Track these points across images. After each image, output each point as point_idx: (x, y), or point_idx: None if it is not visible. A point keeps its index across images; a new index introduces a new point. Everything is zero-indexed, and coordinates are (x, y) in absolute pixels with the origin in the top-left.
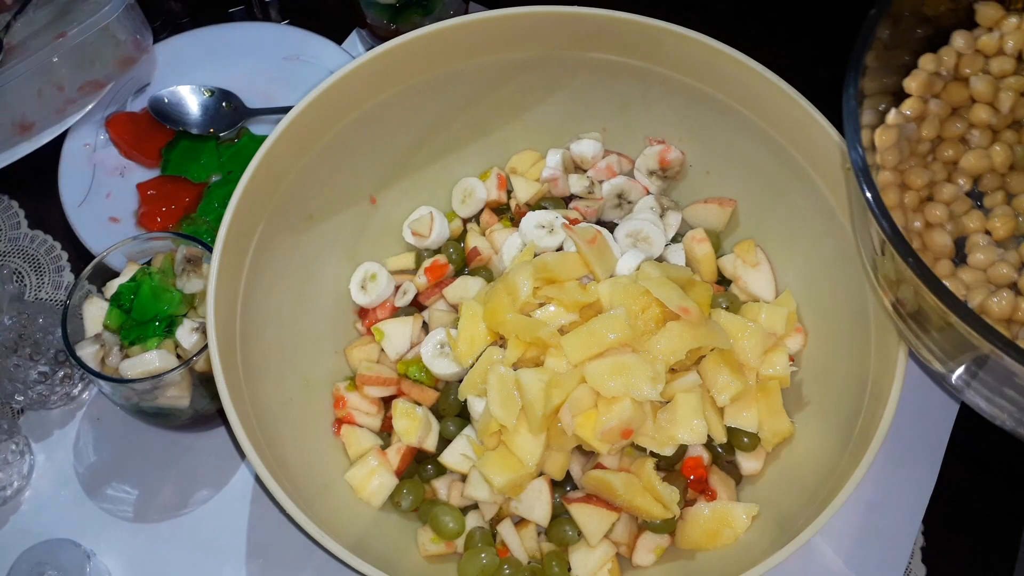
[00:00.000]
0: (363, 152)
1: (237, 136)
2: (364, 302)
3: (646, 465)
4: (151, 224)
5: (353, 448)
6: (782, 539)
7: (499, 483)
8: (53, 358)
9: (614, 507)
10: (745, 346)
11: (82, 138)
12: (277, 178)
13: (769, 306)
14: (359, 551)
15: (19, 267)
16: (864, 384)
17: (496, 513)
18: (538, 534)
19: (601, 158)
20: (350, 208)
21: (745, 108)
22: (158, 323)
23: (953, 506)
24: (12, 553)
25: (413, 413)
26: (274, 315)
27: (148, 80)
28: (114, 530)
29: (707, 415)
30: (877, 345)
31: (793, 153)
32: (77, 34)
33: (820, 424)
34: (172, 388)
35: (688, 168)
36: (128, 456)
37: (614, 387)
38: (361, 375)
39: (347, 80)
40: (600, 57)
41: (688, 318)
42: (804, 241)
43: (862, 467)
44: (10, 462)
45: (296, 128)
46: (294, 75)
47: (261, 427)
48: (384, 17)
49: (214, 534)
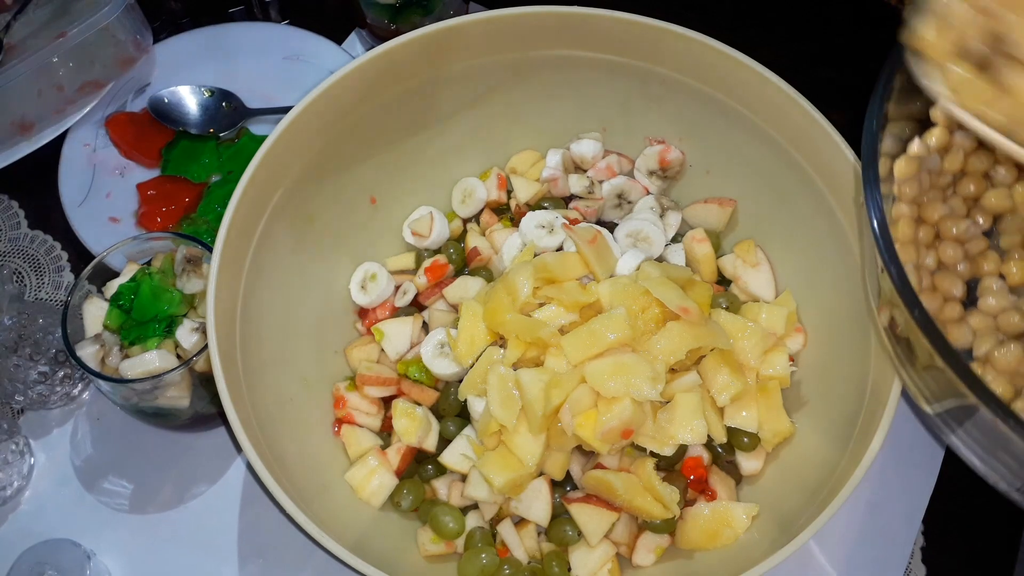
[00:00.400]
0: (363, 152)
1: (237, 136)
2: (364, 302)
3: (646, 465)
4: (151, 224)
5: (353, 448)
6: (782, 539)
7: (499, 483)
8: (53, 358)
9: (614, 507)
10: (745, 346)
11: (82, 138)
12: (277, 178)
13: (769, 306)
14: (359, 551)
15: (19, 267)
16: (864, 384)
17: (496, 513)
18: (538, 534)
19: (601, 158)
20: (350, 208)
21: (745, 108)
22: (158, 323)
23: (953, 506)
24: (12, 553)
25: (413, 413)
26: (274, 315)
27: (148, 80)
28: (114, 530)
29: (707, 415)
30: (877, 345)
31: (793, 153)
32: (77, 34)
33: (820, 424)
34: (172, 388)
35: (688, 168)
36: (128, 456)
37: (614, 387)
38: (361, 375)
39: (347, 80)
40: (600, 57)
41: (688, 318)
42: (804, 241)
43: (862, 467)
44: (10, 462)
45: (296, 128)
46: (294, 75)
47: (261, 427)
48: (384, 17)
49: (214, 534)
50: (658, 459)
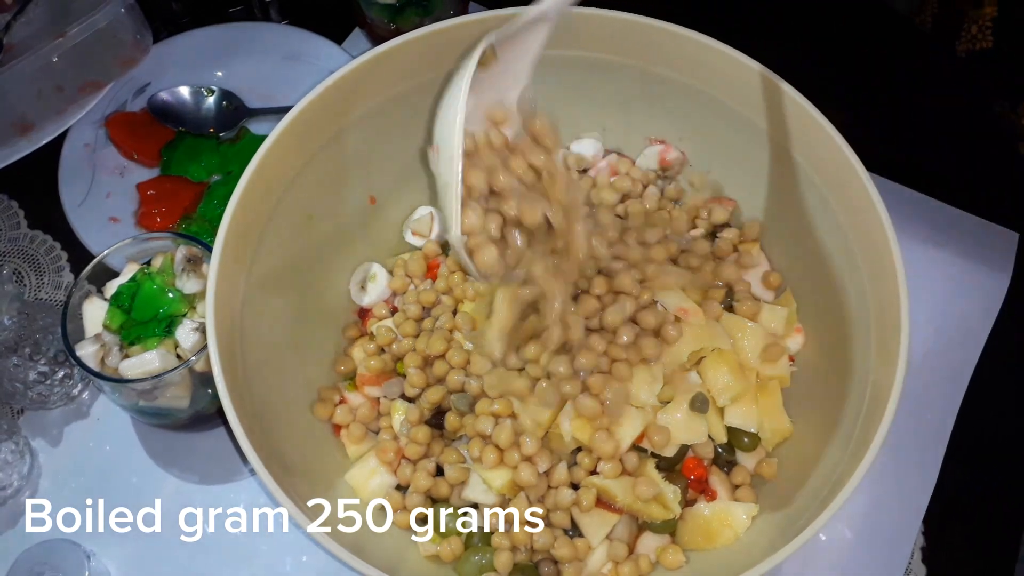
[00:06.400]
0: (363, 152)
1: (237, 136)
2: (364, 302)
3: (647, 466)
4: (151, 224)
5: (353, 448)
6: (782, 539)
7: (498, 484)
8: (53, 358)
9: (615, 508)
10: (745, 346)
11: (82, 138)
12: (277, 178)
13: (769, 306)
14: (359, 551)
15: (19, 267)
16: (864, 384)
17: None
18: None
19: (601, 158)
20: (350, 208)
21: (745, 108)
22: (158, 323)
23: (953, 506)
24: (12, 553)
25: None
26: (274, 315)
27: (148, 80)
28: (113, 530)
29: (707, 415)
30: (877, 345)
31: (793, 153)
32: (77, 34)
33: (820, 424)
34: (172, 388)
35: (688, 168)
36: (128, 456)
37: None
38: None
39: (347, 80)
40: (600, 57)
41: (688, 319)
42: (804, 241)
43: (862, 467)
44: (10, 462)
45: (296, 128)
46: (294, 75)
47: (261, 427)
48: (384, 17)
49: (213, 534)
50: (658, 459)
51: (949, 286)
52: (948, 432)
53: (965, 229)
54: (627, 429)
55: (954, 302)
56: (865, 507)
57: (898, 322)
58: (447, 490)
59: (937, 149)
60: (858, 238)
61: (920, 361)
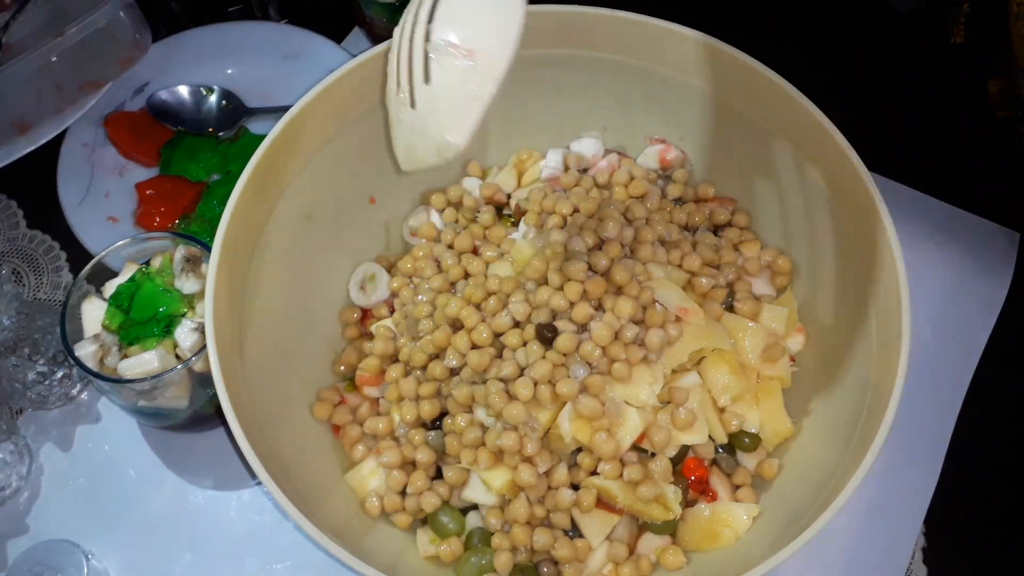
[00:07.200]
0: (363, 152)
1: (236, 135)
2: (364, 302)
3: (647, 466)
4: (150, 224)
5: (353, 448)
6: (783, 540)
7: (498, 484)
8: (52, 358)
9: (616, 509)
10: (745, 346)
11: (81, 138)
12: (276, 178)
13: (769, 306)
14: (359, 552)
15: (18, 267)
16: (865, 384)
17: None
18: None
19: (601, 158)
20: (350, 208)
21: (745, 108)
22: (157, 323)
23: (954, 507)
24: (11, 554)
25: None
26: (273, 315)
27: (147, 79)
28: (113, 530)
29: (707, 415)
30: (878, 345)
31: (793, 153)
32: (76, 34)
33: (821, 424)
34: (171, 388)
35: (688, 167)
36: (127, 456)
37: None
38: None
39: (346, 79)
40: (600, 57)
41: (688, 319)
42: (805, 240)
43: (863, 467)
44: (9, 462)
45: (295, 127)
46: (294, 74)
47: (260, 427)
48: (384, 16)
49: (213, 535)
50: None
51: (950, 285)
52: (949, 432)
53: (966, 228)
54: (627, 429)
55: (955, 301)
56: (866, 507)
57: (899, 322)
58: (447, 491)
59: (938, 148)
60: (859, 237)
61: (921, 361)
